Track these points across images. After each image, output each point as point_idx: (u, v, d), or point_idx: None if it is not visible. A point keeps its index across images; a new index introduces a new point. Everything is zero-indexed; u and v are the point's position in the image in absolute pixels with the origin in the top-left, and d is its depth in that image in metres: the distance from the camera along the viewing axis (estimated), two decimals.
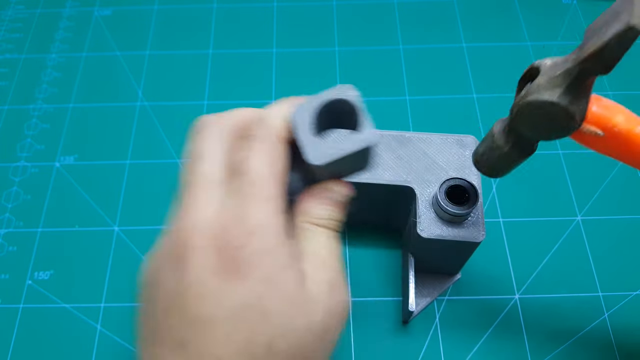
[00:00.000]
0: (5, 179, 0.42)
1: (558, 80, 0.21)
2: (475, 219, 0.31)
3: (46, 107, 0.46)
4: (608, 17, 0.20)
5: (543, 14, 0.51)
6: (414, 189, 0.32)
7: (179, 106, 0.46)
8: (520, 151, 0.25)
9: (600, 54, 0.19)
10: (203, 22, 0.51)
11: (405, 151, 0.34)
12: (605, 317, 0.36)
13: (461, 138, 0.34)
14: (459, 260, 0.35)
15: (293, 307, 0.21)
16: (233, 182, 0.22)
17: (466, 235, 0.31)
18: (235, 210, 0.21)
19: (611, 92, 0.46)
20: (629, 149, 0.22)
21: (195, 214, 0.21)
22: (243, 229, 0.21)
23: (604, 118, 0.22)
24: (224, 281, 0.20)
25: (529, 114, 0.22)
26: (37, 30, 0.51)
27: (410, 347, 0.35)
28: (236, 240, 0.21)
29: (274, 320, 0.20)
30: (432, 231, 0.31)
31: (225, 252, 0.20)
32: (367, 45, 0.50)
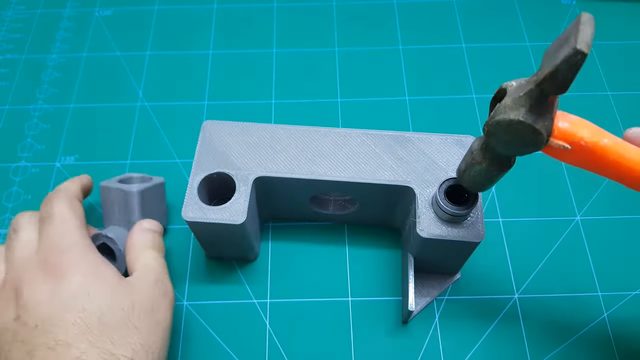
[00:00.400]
0: (5, 179, 0.42)
1: (522, 100, 0.23)
2: (475, 219, 0.31)
3: (47, 107, 0.46)
4: (561, 41, 0.22)
5: (543, 14, 0.51)
6: (414, 189, 0.32)
7: (179, 106, 0.46)
8: (499, 166, 0.26)
9: (553, 77, 0.21)
10: (203, 22, 0.51)
11: (404, 151, 0.34)
12: (605, 316, 0.36)
13: (460, 138, 0.34)
14: (458, 260, 0.35)
15: (116, 290, 0.29)
16: (46, 225, 0.30)
17: (466, 235, 0.31)
18: (49, 241, 0.29)
19: (611, 92, 0.46)
20: (596, 161, 0.24)
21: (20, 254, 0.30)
22: (57, 251, 0.29)
23: (570, 133, 0.24)
24: (52, 287, 0.28)
25: (499, 132, 0.24)
26: (37, 30, 0.51)
27: (410, 347, 0.35)
28: (55, 257, 0.29)
29: (99, 300, 0.28)
30: (432, 231, 0.31)
31: (47, 267, 0.28)
32: (367, 46, 0.50)
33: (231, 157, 0.34)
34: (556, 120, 0.24)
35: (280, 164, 0.33)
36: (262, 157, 0.34)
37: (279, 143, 0.34)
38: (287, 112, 0.46)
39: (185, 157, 0.43)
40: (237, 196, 0.32)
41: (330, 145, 0.34)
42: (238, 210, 0.32)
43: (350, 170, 0.33)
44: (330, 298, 0.37)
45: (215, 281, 0.38)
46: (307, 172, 0.33)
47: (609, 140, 0.24)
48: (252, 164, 0.33)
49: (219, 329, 0.36)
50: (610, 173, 0.25)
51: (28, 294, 0.28)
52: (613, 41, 0.49)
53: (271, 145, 0.34)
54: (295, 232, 0.39)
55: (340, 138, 0.34)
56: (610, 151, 0.24)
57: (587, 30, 0.21)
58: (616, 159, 0.24)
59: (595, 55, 0.48)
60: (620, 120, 0.44)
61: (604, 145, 0.24)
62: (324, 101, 0.46)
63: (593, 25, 0.21)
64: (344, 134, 0.35)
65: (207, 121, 0.35)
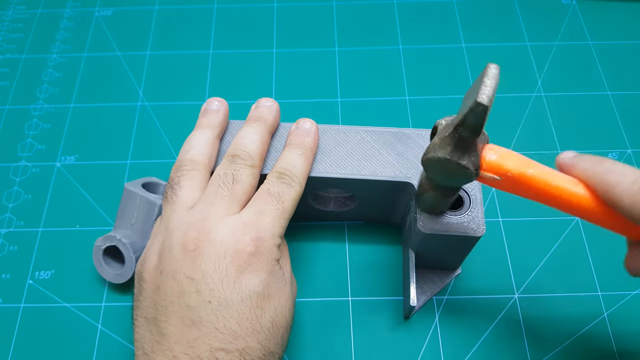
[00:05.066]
0: (6, 178, 0.42)
1: (447, 140, 0.25)
2: (475, 214, 0.31)
3: (47, 107, 0.46)
4: (473, 89, 0.24)
5: (542, 14, 0.51)
6: (414, 185, 0.32)
7: (179, 106, 0.46)
8: (444, 193, 0.29)
9: (464, 124, 0.24)
10: (203, 22, 0.51)
11: (404, 148, 0.34)
12: (605, 316, 0.36)
13: None
14: (459, 255, 0.35)
15: (288, 288, 0.28)
16: (271, 199, 0.29)
17: (466, 229, 0.31)
18: (254, 218, 0.28)
19: (611, 92, 0.46)
20: (525, 189, 0.26)
21: (217, 218, 0.27)
22: (257, 235, 0.27)
23: (497, 165, 0.25)
24: (239, 273, 0.26)
25: (433, 167, 0.27)
26: (37, 30, 0.51)
27: (410, 347, 0.35)
28: (251, 243, 0.27)
29: (276, 302, 0.27)
30: (432, 226, 0.31)
31: (240, 251, 0.26)
32: (367, 45, 0.50)
33: None
34: (484, 153, 0.26)
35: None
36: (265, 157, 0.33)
37: (279, 142, 0.34)
38: (287, 112, 0.45)
39: None
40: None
41: (330, 142, 0.34)
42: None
43: (350, 167, 0.33)
44: (330, 298, 0.37)
45: None
46: None
47: (535, 170, 0.25)
48: None
49: None
50: (540, 200, 0.26)
51: (210, 264, 0.26)
52: (613, 41, 0.49)
53: (272, 144, 0.34)
54: (295, 232, 0.39)
55: (340, 135, 0.34)
56: (536, 180, 0.25)
57: (489, 84, 0.23)
58: (543, 187, 0.25)
59: (595, 55, 0.48)
60: (620, 120, 0.45)
61: (530, 175, 0.25)
62: (324, 101, 0.46)
63: (497, 78, 0.24)
64: (343, 130, 0.35)
65: None
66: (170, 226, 0.28)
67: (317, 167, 0.33)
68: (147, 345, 0.26)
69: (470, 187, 0.32)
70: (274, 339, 0.26)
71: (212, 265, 0.26)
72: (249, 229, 0.27)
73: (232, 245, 0.26)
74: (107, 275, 0.36)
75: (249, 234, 0.27)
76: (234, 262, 0.26)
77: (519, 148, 0.43)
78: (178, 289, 0.26)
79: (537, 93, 0.46)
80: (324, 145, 0.34)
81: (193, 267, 0.26)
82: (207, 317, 0.25)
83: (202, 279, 0.26)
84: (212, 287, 0.26)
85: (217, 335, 0.25)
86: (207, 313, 0.25)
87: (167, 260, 0.27)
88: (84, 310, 0.37)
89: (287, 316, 0.28)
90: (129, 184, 0.36)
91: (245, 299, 0.26)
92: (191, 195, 0.29)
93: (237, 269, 0.26)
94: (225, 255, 0.26)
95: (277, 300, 0.27)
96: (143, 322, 0.27)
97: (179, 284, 0.26)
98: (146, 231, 0.35)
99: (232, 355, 0.25)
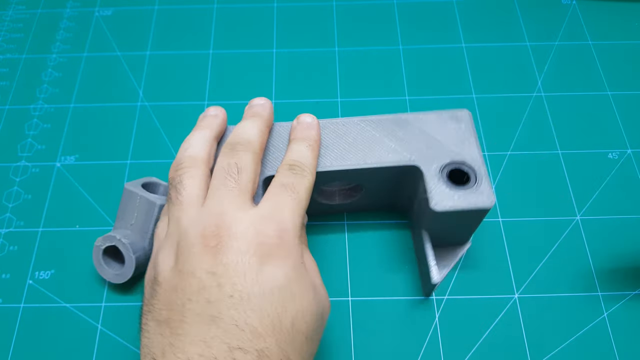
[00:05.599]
0: (5, 178, 0.42)
1: None
2: (483, 187, 0.32)
3: (47, 107, 0.46)
4: None
5: (542, 14, 0.51)
6: (419, 167, 0.33)
7: (179, 106, 0.46)
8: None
9: None
10: (203, 22, 0.51)
11: (404, 132, 0.34)
12: (605, 316, 0.36)
13: (455, 113, 0.35)
14: (470, 228, 0.35)
15: (311, 293, 0.26)
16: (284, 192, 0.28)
17: (478, 202, 0.32)
18: (273, 211, 0.27)
19: (611, 92, 0.46)
20: None
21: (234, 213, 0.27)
22: (278, 226, 0.26)
23: None
24: (262, 265, 0.25)
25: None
26: (37, 30, 0.51)
27: (410, 346, 0.35)
28: (273, 234, 0.26)
29: (298, 302, 0.25)
30: (445, 204, 0.31)
31: (263, 243, 0.26)
32: (367, 45, 0.50)
33: None
34: None
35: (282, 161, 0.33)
36: (266, 157, 0.33)
37: (280, 141, 0.34)
38: (288, 112, 0.46)
39: None
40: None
41: (331, 136, 0.34)
42: None
43: (355, 158, 0.33)
44: (330, 298, 0.37)
45: None
46: None
47: None
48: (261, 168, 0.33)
49: None
50: None
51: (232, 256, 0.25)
52: (613, 41, 0.49)
53: (272, 143, 0.34)
54: None
55: (340, 128, 0.34)
56: None
57: None
58: None
59: (595, 55, 0.48)
60: (620, 120, 0.45)
61: None
62: (324, 101, 0.46)
63: None
64: (342, 123, 0.35)
65: None
66: (183, 226, 0.27)
67: (322, 161, 0.33)
68: (158, 349, 0.24)
69: (473, 161, 0.33)
70: (293, 344, 0.25)
71: (234, 258, 0.25)
72: (269, 221, 0.27)
73: (254, 237, 0.26)
74: (107, 275, 0.36)
75: (270, 226, 0.26)
76: (257, 254, 0.25)
77: (519, 148, 0.43)
78: (198, 285, 0.25)
79: (537, 93, 0.46)
80: (325, 139, 0.34)
81: (214, 261, 0.25)
82: (228, 312, 0.24)
83: (224, 272, 0.25)
84: (235, 281, 0.25)
85: (236, 332, 0.24)
86: (227, 308, 0.24)
87: (187, 259, 0.26)
88: (84, 310, 0.37)
89: (308, 323, 0.26)
90: (129, 184, 0.36)
91: (267, 293, 0.25)
92: (196, 193, 0.28)
93: (260, 260, 0.25)
94: (249, 248, 0.25)
95: (299, 302, 0.26)
96: (154, 325, 0.25)
97: (199, 280, 0.25)
98: (146, 231, 0.35)
99: (250, 356, 0.23)
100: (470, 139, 0.34)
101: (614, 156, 0.43)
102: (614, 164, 0.42)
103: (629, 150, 0.43)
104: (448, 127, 0.34)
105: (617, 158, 0.43)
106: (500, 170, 0.42)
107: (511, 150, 0.43)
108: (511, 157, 0.43)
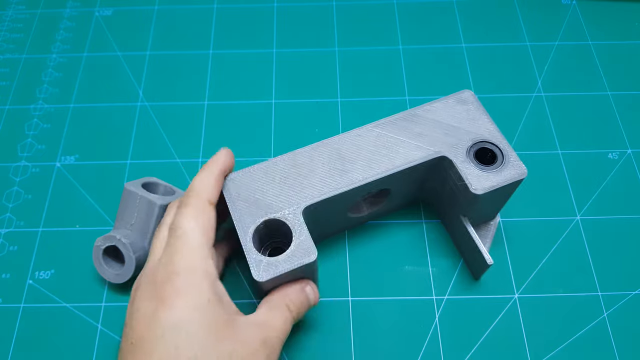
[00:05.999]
0: (6, 178, 0.42)
1: None
2: (512, 160, 0.33)
3: (47, 107, 0.46)
4: None
5: (542, 14, 0.51)
6: (447, 156, 0.33)
7: (179, 106, 0.46)
8: None
9: None
10: (203, 22, 0.51)
11: (420, 127, 0.35)
12: (605, 316, 0.36)
13: (459, 96, 0.36)
14: (503, 202, 0.36)
15: (218, 334, 0.26)
16: (170, 238, 0.29)
17: (514, 175, 0.33)
18: (167, 258, 0.28)
19: (611, 92, 0.46)
20: None
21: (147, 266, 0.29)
22: (169, 270, 0.27)
23: None
24: (155, 309, 0.26)
25: None
26: (37, 30, 0.51)
27: (410, 346, 0.35)
28: (165, 277, 0.27)
29: (198, 341, 0.25)
30: (484, 185, 0.32)
31: (156, 285, 0.27)
32: (367, 45, 0.50)
33: (268, 201, 0.32)
34: None
35: (318, 186, 0.33)
36: (298, 188, 0.33)
37: (304, 168, 0.33)
38: (287, 112, 0.46)
39: (186, 157, 0.43)
40: (298, 234, 0.31)
41: (352, 149, 0.34)
42: (307, 248, 0.30)
43: (383, 164, 0.33)
44: (330, 298, 0.37)
45: None
46: (347, 182, 0.33)
47: None
48: (292, 198, 0.32)
49: None
50: None
51: (137, 304, 0.27)
52: (613, 41, 0.49)
53: (298, 173, 0.33)
54: None
55: (356, 139, 0.34)
56: None
57: None
58: None
59: (595, 55, 0.48)
60: (620, 120, 0.45)
61: None
62: (324, 101, 0.46)
63: None
64: (357, 134, 0.35)
65: (227, 179, 0.33)
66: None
67: (353, 176, 0.33)
68: None
69: (493, 137, 0.34)
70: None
71: (138, 305, 0.28)
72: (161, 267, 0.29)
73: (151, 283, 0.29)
74: (107, 275, 0.36)
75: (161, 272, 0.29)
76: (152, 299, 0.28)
77: (519, 148, 0.43)
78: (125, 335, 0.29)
79: (537, 93, 0.46)
80: (347, 154, 0.34)
81: (131, 309, 0.29)
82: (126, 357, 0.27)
83: (129, 321, 0.28)
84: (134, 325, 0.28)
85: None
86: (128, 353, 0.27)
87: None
88: (84, 310, 0.37)
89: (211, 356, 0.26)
90: (129, 184, 0.36)
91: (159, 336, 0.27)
92: None
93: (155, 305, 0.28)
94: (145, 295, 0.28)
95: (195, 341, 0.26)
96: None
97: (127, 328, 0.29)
98: (146, 231, 0.35)
99: None
100: (483, 117, 0.34)
101: (614, 156, 0.43)
102: (614, 164, 0.42)
103: (629, 150, 0.43)
104: (457, 110, 0.35)
105: (617, 158, 0.43)
106: None
107: None
108: None
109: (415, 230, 0.39)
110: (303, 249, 0.30)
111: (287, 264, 0.30)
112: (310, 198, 0.32)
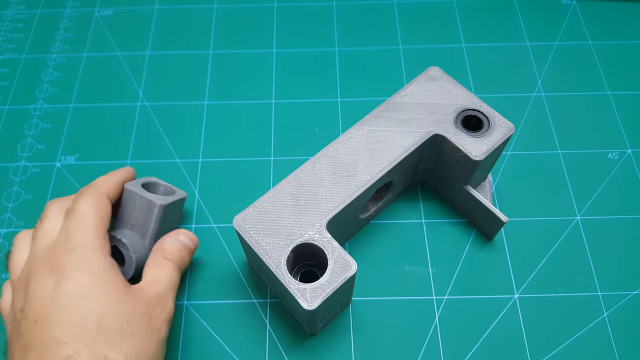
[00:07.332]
0: (5, 178, 0.42)
1: None
2: (498, 120, 0.35)
3: (47, 107, 0.46)
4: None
5: (542, 14, 0.51)
6: (439, 133, 0.34)
7: (179, 106, 0.46)
8: None
9: None
10: (203, 22, 0.51)
11: (403, 114, 0.35)
12: (605, 316, 0.36)
13: (427, 74, 0.37)
14: (494, 161, 0.38)
15: (117, 295, 0.28)
16: (66, 220, 0.31)
17: (504, 133, 0.34)
18: (64, 236, 0.30)
19: (611, 92, 0.46)
20: None
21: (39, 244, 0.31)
22: (67, 247, 0.29)
23: None
24: (56, 283, 0.28)
25: None
26: (37, 30, 0.51)
27: (410, 346, 0.35)
28: (62, 253, 0.29)
29: (99, 302, 0.28)
30: (482, 150, 0.33)
31: (53, 262, 0.29)
32: (367, 45, 0.50)
33: (288, 228, 0.31)
34: None
35: (331, 198, 0.33)
36: (313, 205, 0.32)
37: (310, 184, 0.33)
38: (288, 112, 0.46)
39: (185, 157, 0.43)
40: (331, 251, 0.30)
41: (349, 153, 0.34)
42: (345, 262, 0.30)
43: (383, 159, 0.34)
44: None
45: (215, 281, 0.38)
46: (357, 186, 0.33)
47: None
48: (311, 217, 0.32)
49: (219, 329, 0.36)
50: None
51: (33, 287, 0.28)
52: (613, 41, 0.49)
53: (307, 190, 0.33)
54: None
55: (350, 142, 0.35)
56: None
57: None
58: None
59: (595, 55, 0.48)
60: (620, 120, 0.45)
61: None
62: (324, 101, 0.46)
63: None
64: (349, 137, 0.35)
65: (236, 219, 0.32)
66: None
67: (360, 178, 0.33)
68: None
69: (472, 103, 0.35)
70: (108, 343, 0.27)
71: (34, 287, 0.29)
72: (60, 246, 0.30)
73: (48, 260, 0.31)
74: None
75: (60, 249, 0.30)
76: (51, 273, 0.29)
77: (519, 148, 0.43)
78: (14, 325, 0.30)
79: (537, 93, 0.46)
80: (347, 159, 0.34)
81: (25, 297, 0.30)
82: (34, 335, 0.27)
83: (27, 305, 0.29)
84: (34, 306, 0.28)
85: (43, 350, 0.26)
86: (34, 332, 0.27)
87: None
88: None
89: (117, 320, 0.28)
90: (129, 184, 0.36)
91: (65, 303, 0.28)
92: None
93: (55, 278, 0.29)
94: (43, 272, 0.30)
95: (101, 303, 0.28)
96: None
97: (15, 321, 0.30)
98: (146, 231, 0.35)
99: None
100: (456, 88, 0.36)
101: (614, 156, 0.43)
102: (614, 164, 0.42)
103: (629, 150, 0.43)
104: (431, 88, 0.36)
105: (617, 158, 0.43)
106: (500, 170, 0.42)
107: (511, 150, 0.43)
108: (511, 157, 0.43)
109: (415, 230, 0.39)
110: (341, 264, 0.30)
111: (332, 283, 0.29)
112: (329, 211, 0.32)
